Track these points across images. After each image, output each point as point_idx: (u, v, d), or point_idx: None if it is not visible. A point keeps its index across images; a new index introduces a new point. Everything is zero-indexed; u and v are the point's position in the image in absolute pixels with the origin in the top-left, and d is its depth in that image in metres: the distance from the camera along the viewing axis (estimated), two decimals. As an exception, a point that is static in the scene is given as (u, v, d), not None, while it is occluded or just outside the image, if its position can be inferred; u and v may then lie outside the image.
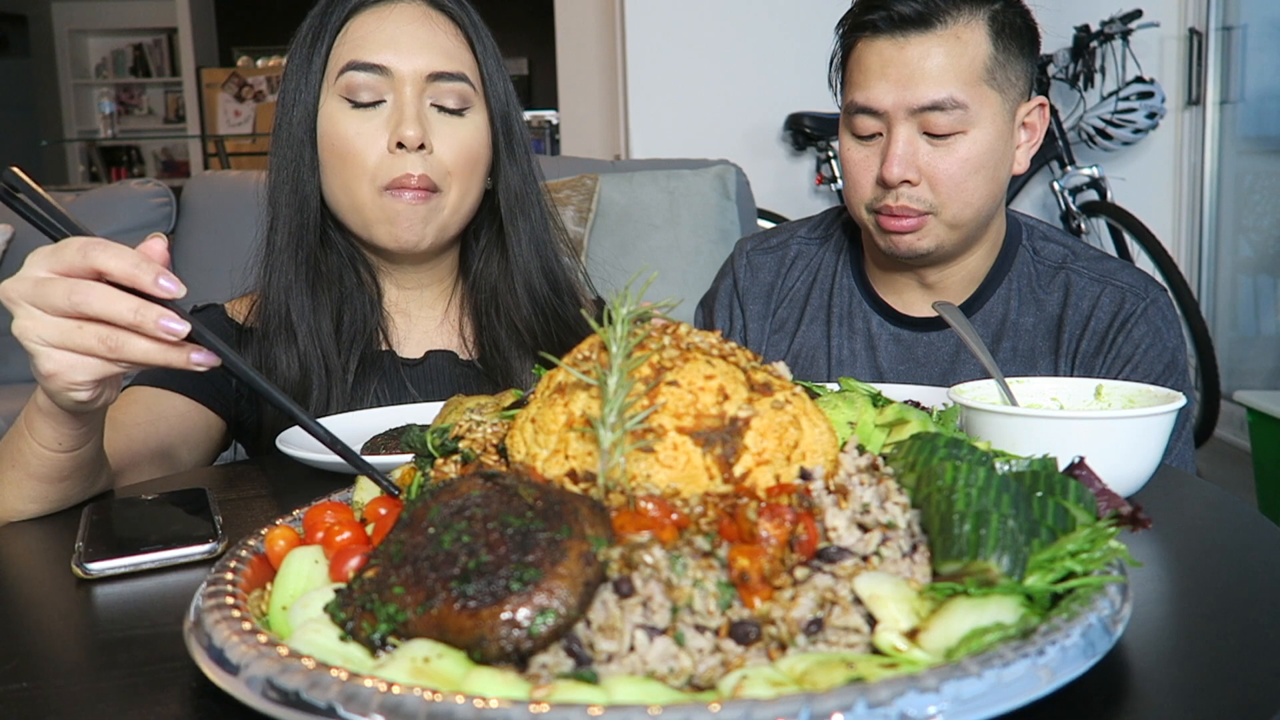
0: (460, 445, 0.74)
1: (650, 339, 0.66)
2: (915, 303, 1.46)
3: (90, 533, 0.84)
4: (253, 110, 8.12)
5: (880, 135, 1.33)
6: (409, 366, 1.33)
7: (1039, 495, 0.60)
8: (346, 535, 0.66)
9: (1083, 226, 3.85)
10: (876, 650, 0.52)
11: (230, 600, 0.59)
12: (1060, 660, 0.48)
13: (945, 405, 0.85)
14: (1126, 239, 3.74)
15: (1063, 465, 0.66)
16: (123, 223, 3.21)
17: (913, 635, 0.52)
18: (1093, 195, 3.91)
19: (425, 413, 1.18)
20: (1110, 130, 3.90)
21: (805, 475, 0.61)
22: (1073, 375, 1.36)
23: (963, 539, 0.55)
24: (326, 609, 0.56)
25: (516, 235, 1.34)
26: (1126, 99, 3.86)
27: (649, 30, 3.99)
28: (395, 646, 0.53)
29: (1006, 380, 0.96)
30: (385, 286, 1.36)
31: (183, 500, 0.94)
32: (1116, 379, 1.28)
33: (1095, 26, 3.88)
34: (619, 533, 0.56)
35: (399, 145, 1.21)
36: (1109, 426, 0.82)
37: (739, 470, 0.60)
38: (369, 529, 0.69)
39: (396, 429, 1.09)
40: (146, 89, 9.65)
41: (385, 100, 1.23)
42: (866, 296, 1.49)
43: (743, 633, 0.52)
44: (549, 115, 7.25)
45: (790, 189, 4.10)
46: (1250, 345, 4.34)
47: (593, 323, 0.66)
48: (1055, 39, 3.87)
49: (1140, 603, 0.63)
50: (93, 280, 0.78)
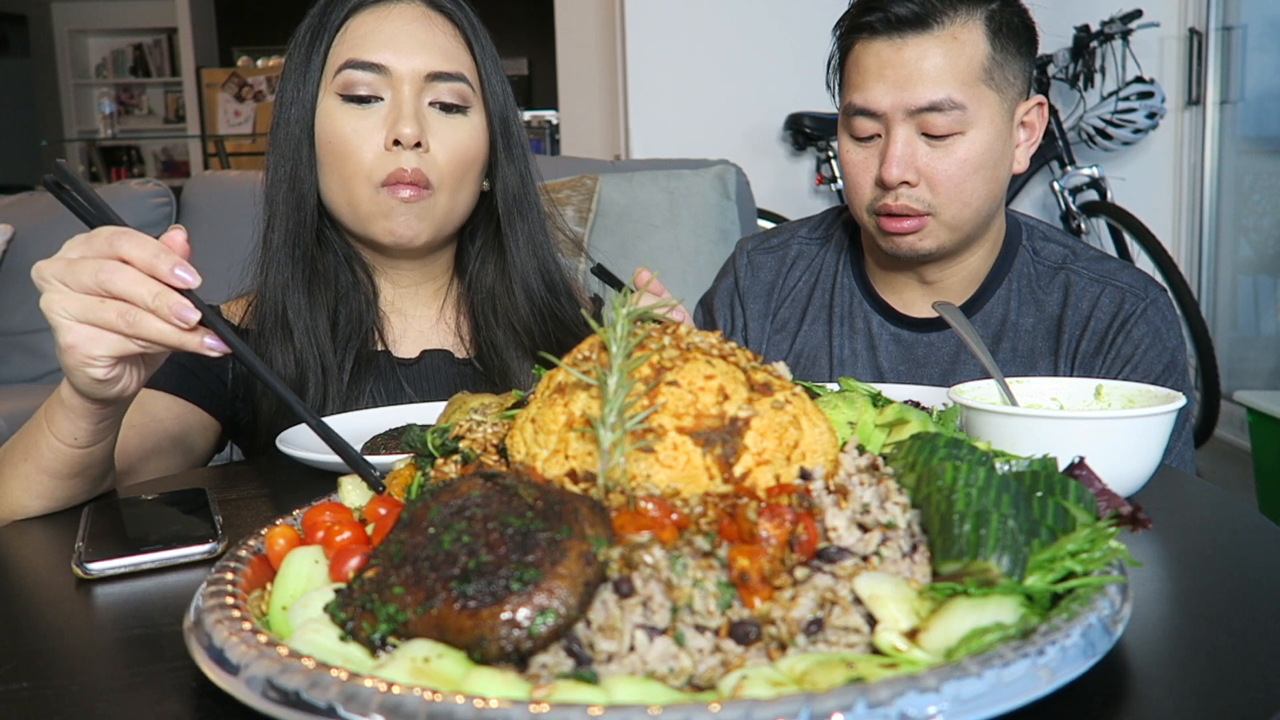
0: (460, 445, 0.74)
1: (650, 339, 0.66)
2: (916, 303, 1.46)
3: (90, 533, 0.84)
4: (253, 110, 8.12)
5: (879, 137, 1.33)
6: (405, 366, 1.33)
7: (1039, 495, 0.60)
8: (346, 535, 0.66)
9: (1083, 226, 3.85)
10: (876, 650, 0.52)
11: (230, 600, 0.59)
12: (1060, 660, 0.48)
13: (945, 405, 0.85)
14: (1126, 239, 3.74)
15: (1063, 465, 0.66)
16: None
17: (913, 635, 0.52)
18: (1093, 195, 3.91)
19: (425, 413, 1.18)
20: (1110, 130, 3.90)
21: (805, 475, 0.61)
22: (1072, 375, 1.36)
23: (963, 539, 0.55)
24: (326, 609, 0.56)
25: (514, 237, 1.34)
26: (1126, 99, 3.86)
27: (649, 30, 3.99)
28: (395, 646, 0.53)
29: (1006, 380, 0.97)
30: (381, 285, 1.36)
31: (183, 500, 0.94)
32: (1116, 379, 1.28)
33: (1095, 26, 3.88)
34: (619, 533, 0.56)
35: (395, 143, 1.22)
36: (1109, 426, 0.82)
37: (739, 470, 0.60)
38: (369, 529, 0.69)
39: (396, 429, 1.09)
40: (146, 89, 9.65)
41: (383, 99, 1.23)
42: (867, 297, 1.49)
43: (743, 633, 0.52)
44: (549, 115, 7.25)
45: (790, 189, 4.10)
46: (1250, 345, 4.34)
47: (593, 323, 0.66)
48: (1055, 39, 3.87)
49: (1140, 603, 0.63)
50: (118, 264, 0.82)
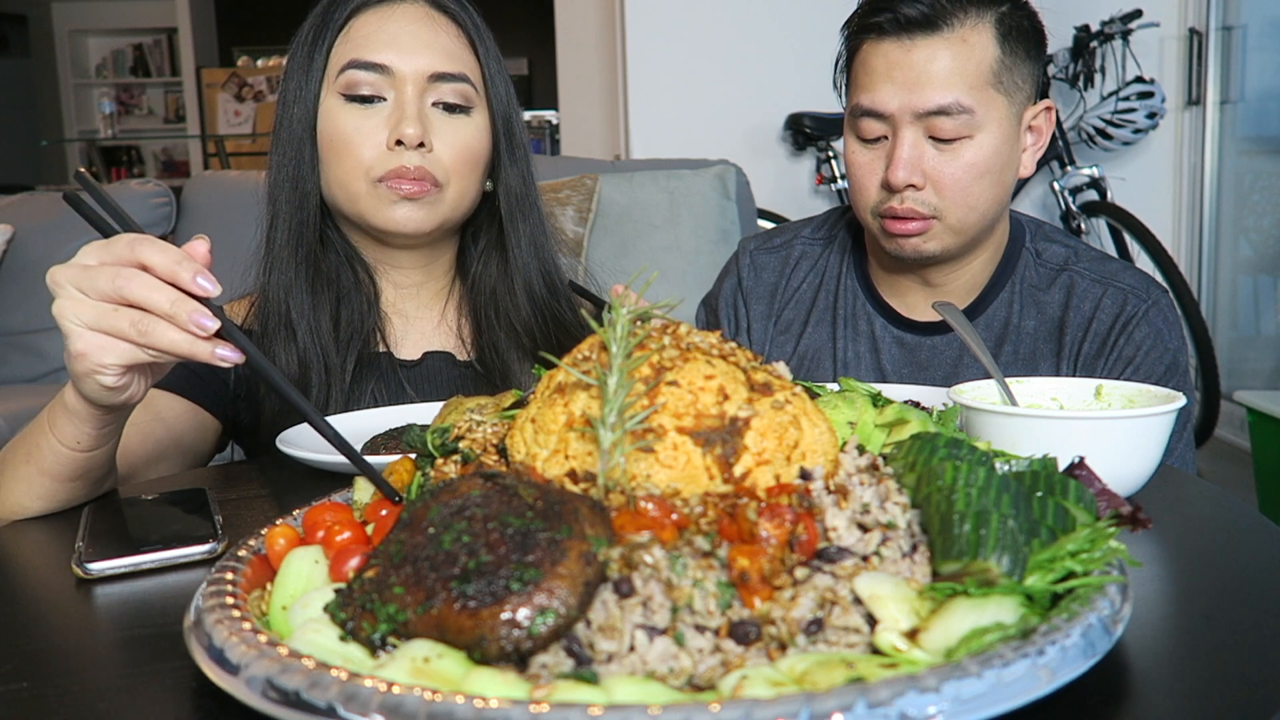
0: (460, 445, 0.74)
1: (650, 339, 0.66)
2: (919, 306, 1.45)
3: (90, 533, 0.84)
4: (253, 110, 8.12)
5: (885, 139, 1.32)
6: (406, 368, 1.33)
7: (1039, 495, 0.60)
8: (346, 535, 0.66)
9: (1083, 226, 3.85)
10: (876, 650, 0.52)
11: (230, 600, 0.59)
12: (1060, 660, 0.48)
13: (945, 405, 0.85)
14: (1126, 239, 3.74)
15: (1063, 465, 0.66)
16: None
17: (913, 635, 0.52)
18: (1093, 195, 3.91)
19: (425, 413, 1.18)
20: (1110, 130, 3.90)
21: (805, 475, 0.61)
22: (1074, 377, 1.36)
23: (963, 539, 0.55)
24: (326, 609, 0.56)
25: (516, 237, 1.34)
26: (1126, 99, 3.86)
27: (649, 30, 3.99)
28: (395, 646, 0.53)
29: (1006, 380, 0.97)
30: (383, 286, 1.36)
31: (183, 500, 0.94)
32: (1118, 380, 1.27)
33: (1095, 26, 3.88)
34: (619, 533, 0.56)
35: (398, 143, 1.23)
36: (1109, 426, 0.82)
37: (739, 470, 0.60)
38: (369, 529, 0.69)
39: (396, 429, 1.09)
40: (146, 89, 9.65)
41: (385, 99, 1.24)
42: (870, 299, 1.49)
43: (743, 633, 0.52)
44: (549, 115, 7.25)
45: (790, 189, 4.10)
46: (1250, 345, 4.34)
47: (593, 323, 0.66)
48: (1055, 39, 3.84)
49: (1140, 603, 0.63)
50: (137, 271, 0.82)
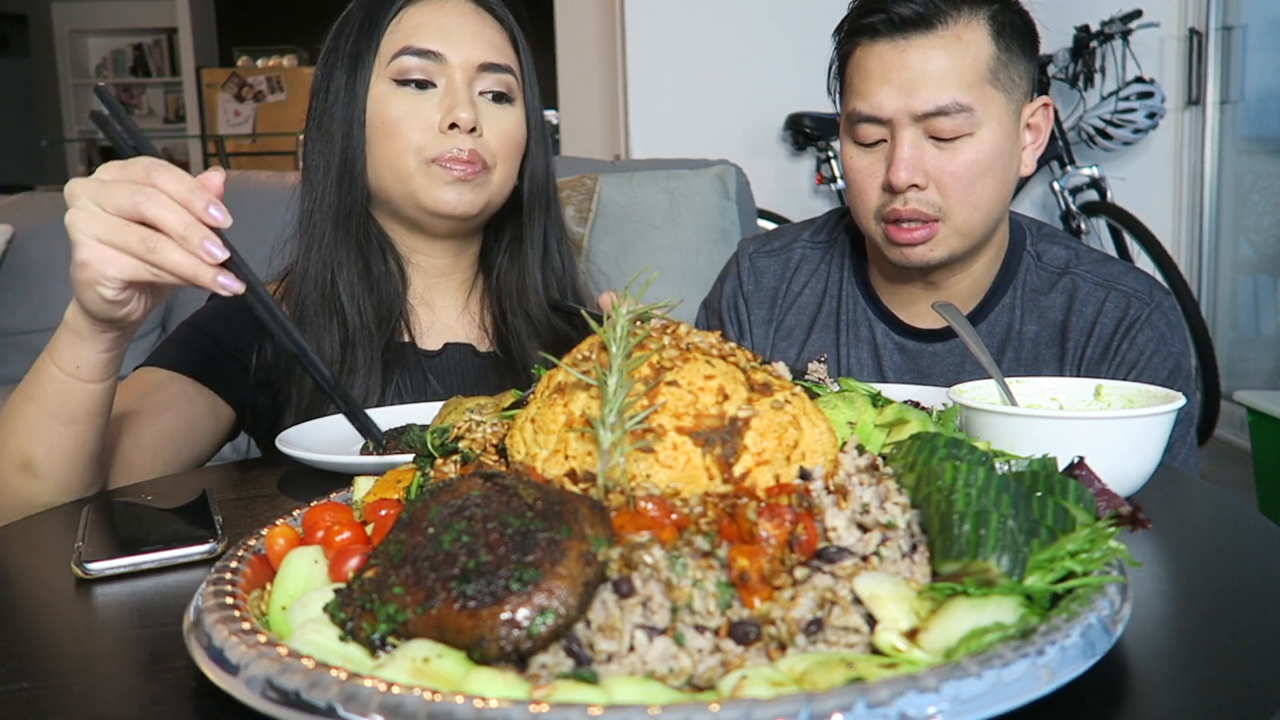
0: (460, 445, 0.74)
1: (650, 339, 0.66)
2: (921, 312, 1.44)
3: (90, 533, 0.84)
4: (253, 110, 8.12)
5: (884, 142, 1.30)
6: (429, 358, 1.37)
7: (1039, 495, 0.60)
8: (346, 535, 0.66)
9: (1083, 226, 3.85)
10: (876, 650, 0.52)
11: (230, 600, 0.59)
12: (1060, 660, 0.48)
13: (945, 405, 0.85)
14: (1126, 239, 3.74)
15: (1063, 465, 0.66)
16: (123, 223, 3.20)
17: (912, 635, 0.52)
18: (1093, 195, 3.91)
19: (425, 413, 1.18)
20: (1110, 130, 3.90)
21: (805, 475, 0.61)
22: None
23: (962, 539, 0.55)
24: (326, 609, 0.56)
25: (539, 226, 1.40)
26: (1126, 99, 3.86)
27: (649, 30, 3.99)
28: (395, 646, 0.53)
29: (1006, 380, 0.97)
30: (411, 277, 1.39)
31: (183, 500, 0.94)
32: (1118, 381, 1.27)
33: (1095, 26, 3.88)
34: (619, 533, 0.56)
35: (451, 126, 1.27)
36: (1109, 426, 0.82)
37: (739, 470, 0.60)
38: (369, 529, 0.69)
39: (397, 429, 1.09)
40: (146, 89, 9.65)
41: (436, 85, 1.29)
42: (871, 305, 1.47)
43: (742, 633, 0.52)
44: (549, 115, 7.25)
45: (790, 189, 4.10)
46: (1250, 345, 4.34)
47: (593, 323, 0.66)
48: (1055, 39, 3.87)
49: (1140, 603, 0.63)
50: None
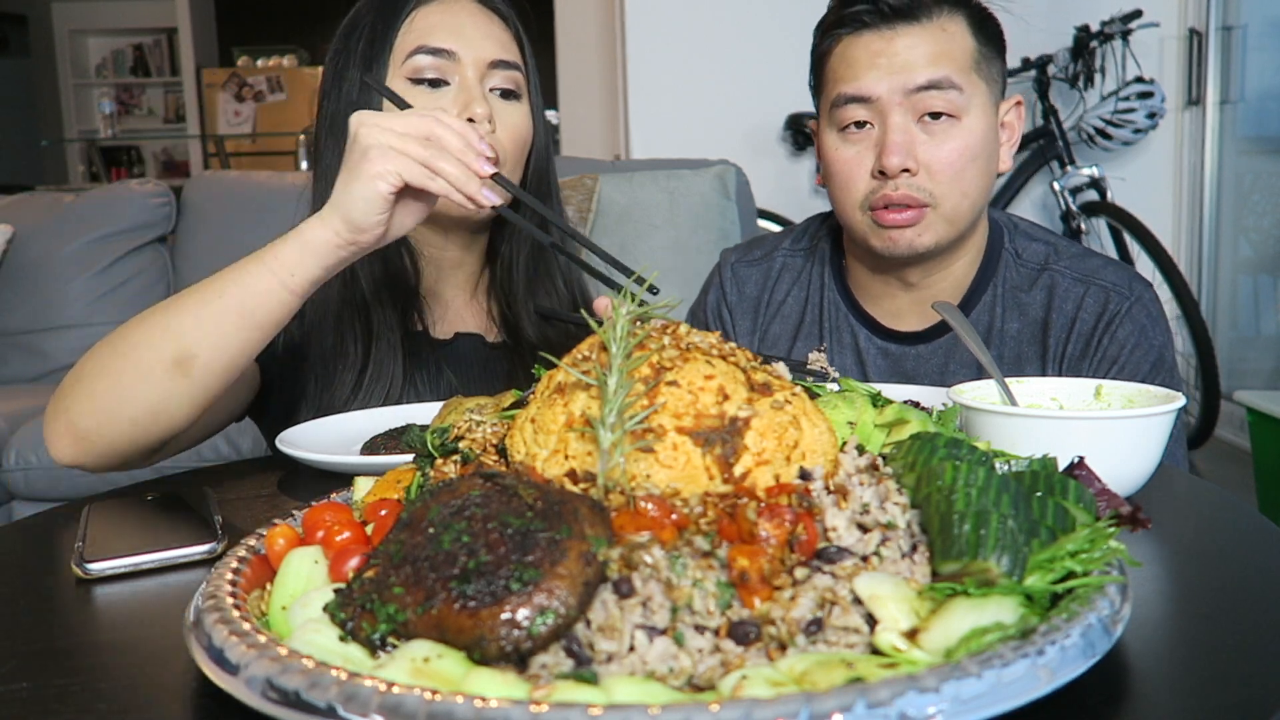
0: (460, 445, 0.74)
1: (650, 339, 0.66)
2: (902, 315, 1.43)
3: (90, 533, 0.84)
4: (253, 110, 8.11)
5: (870, 126, 1.31)
6: (442, 347, 1.39)
7: (1039, 495, 0.60)
8: (346, 535, 0.66)
9: (1082, 226, 3.85)
10: (876, 650, 0.52)
11: (230, 600, 0.59)
12: (1060, 660, 0.48)
13: (945, 405, 0.85)
14: (1126, 239, 3.74)
15: (1063, 465, 0.66)
16: (123, 223, 3.21)
17: (912, 635, 0.52)
18: (1093, 195, 3.91)
19: (425, 413, 1.18)
20: (1110, 130, 3.90)
21: (805, 475, 0.61)
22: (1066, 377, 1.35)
23: (962, 539, 0.55)
24: (326, 609, 0.56)
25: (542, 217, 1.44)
26: (1126, 99, 3.86)
27: (649, 30, 3.99)
28: (395, 646, 0.53)
29: (1006, 380, 0.97)
30: (422, 269, 1.42)
31: (183, 500, 0.94)
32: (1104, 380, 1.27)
33: (1095, 26, 3.88)
34: (619, 533, 0.56)
35: (468, 121, 1.29)
36: (1109, 426, 0.82)
37: (739, 470, 0.60)
38: (369, 529, 0.69)
39: (396, 429, 1.09)
40: (146, 89, 9.64)
41: (449, 83, 1.32)
42: (852, 310, 1.47)
43: (743, 633, 0.52)
44: (549, 115, 7.25)
45: (790, 189, 4.10)
46: (1250, 345, 4.34)
47: (592, 323, 0.66)
48: (1055, 39, 3.87)
49: (1140, 603, 0.63)
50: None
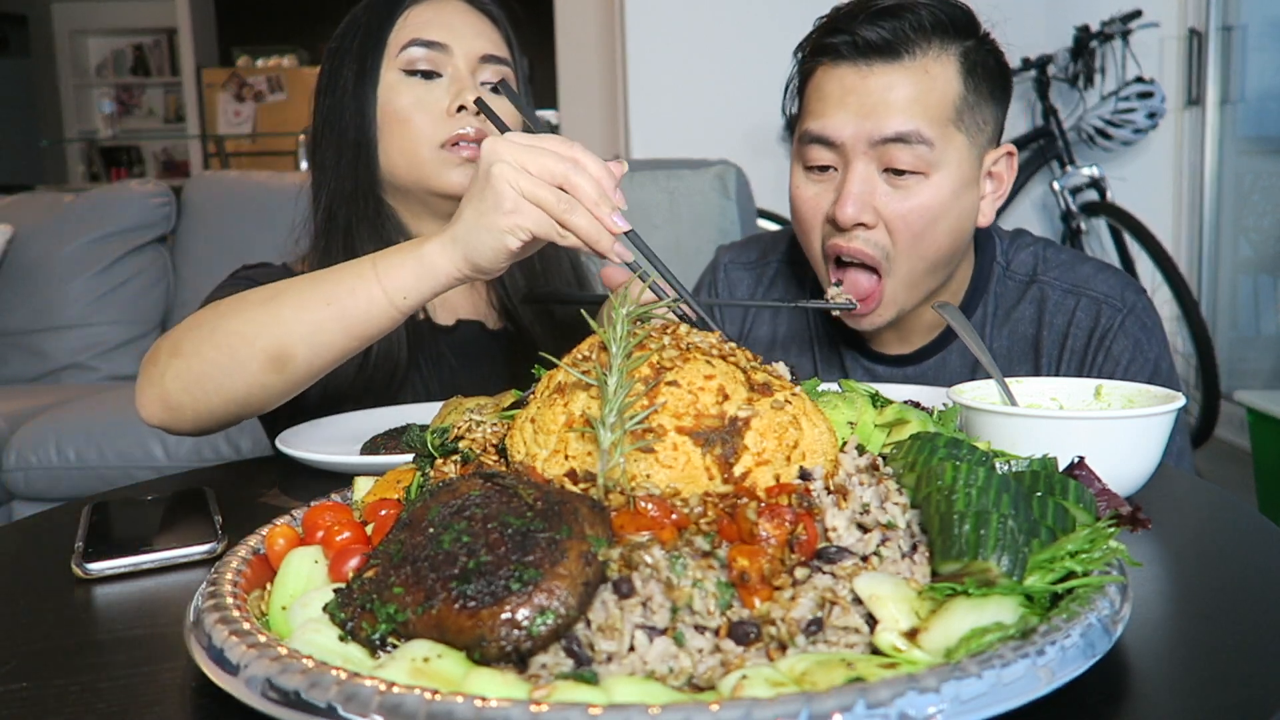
0: (460, 445, 0.74)
1: (650, 339, 0.66)
2: (887, 339, 1.38)
3: (90, 533, 0.84)
4: (253, 110, 8.11)
5: (834, 170, 1.22)
6: (445, 333, 1.42)
7: (1039, 495, 0.60)
8: (346, 535, 0.66)
9: (1082, 226, 3.85)
10: (876, 650, 0.52)
11: (230, 600, 0.59)
12: (1060, 660, 0.48)
13: (945, 405, 0.85)
14: (1126, 239, 3.74)
15: (1063, 465, 0.66)
16: (123, 223, 3.21)
17: (912, 635, 0.52)
18: (1093, 195, 3.91)
19: (425, 413, 1.18)
20: (1110, 130, 3.90)
21: (805, 475, 0.61)
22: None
23: (963, 539, 0.55)
24: (326, 609, 0.56)
25: None
26: (1126, 99, 3.86)
27: (649, 30, 3.99)
28: (395, 646, 0.53)
29: (1006, 380, 0.97)
30: None
31: (183, 500, 0.94)
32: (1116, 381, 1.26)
33: (1095, 26, 3.88)
34: (619, 533, 0.56)
35: (460, 109, 1.33)
36: (1109, 426, 0.82)
37: (739, 470, 0.60)
38: (369, 529, 0.69)
39: (396, 429, 1.09)
40: (146, 89, 9.63)
41: (442, 75, 1.35)
42: (838, 331, 1.41)
43: (743, 633, 0.52)
44: (549, 115, 7.24)
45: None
46: (1250, 345, 4.34)
47: (592, 323, 0.66)
48: (1055, 39, 3.87)
49: (1140, 603, 0.63)
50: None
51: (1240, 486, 3.31)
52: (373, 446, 1.06)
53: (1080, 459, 0.66)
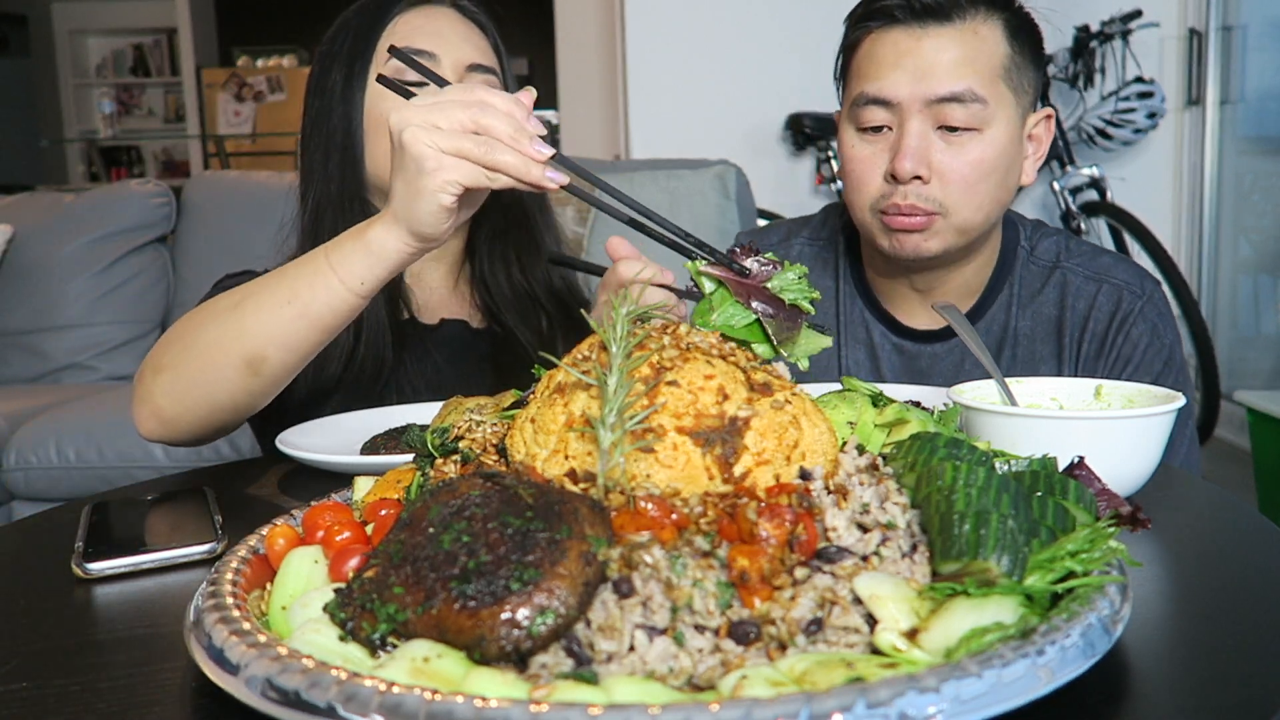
0: (460, 445, 0.74)
1: (650, 339, 0.66)
2: (917, 313, 1.42)
3: (90, 533, 0.84)
4: (252, 110, 8.11)
5: (888, 130, 1.28)
6: (430, 332, 1.42)
7: (1039, 495, 0.60)
8: (346, 535, 0.66)
9: (1083, 226, 3.86)
10: (876, 650, 0.52)
11: (230, 600, 0.59)
12: (1060, 660, 0.48)
13: (945, 405, 0.85)
14: (1126, 239, 3.74)
15: (1063, 465, 0.66)
16: (123, 223, 3.21)
17: (913, 635, 0.52)
18: (1093, 195, 3.91)
19: (425, 413, 1.18)
20: (1110, 130, 3.90)
21: (805, 475, 0.61)
22: (1074, 376, 1.35)
23: (963, 539, 0.55)
24: (326, 609, 0.56)
25: (518, 215, 1.45)
26: (1126, 99, 3.86)
27: (649, 30, 3.99)
28: (395, 646, 0.53)
29: (1006, 380, 0.97)
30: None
31: (183, 500, 0.94)
32: (1117, 379, 1.27)
33: (1095, 26, 3.88)
34: (619, 533, 0.56)
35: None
36: (1109, 426, 0.82)
37: (739, 470, 0.60)
38: (369, 529, 0.69)
39: (396, 429, 1.09)
40: (146, 89, 9.64)
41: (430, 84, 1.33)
42: (869, 305, 1.46)
43: (743, 633, 0.52)
44: (549, 115, 7.24)
45: (790, 189, 4.10)
46: (1250, 345, 4.34)
47: (592, 322, 0.66)
48: (1055, 39, 3.87)
49: (1140, 603, 0.63)
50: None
51: (1240, 486, 3.31)
52: (373, 446, 1.06)
53: (1080, 459, 0.66)
